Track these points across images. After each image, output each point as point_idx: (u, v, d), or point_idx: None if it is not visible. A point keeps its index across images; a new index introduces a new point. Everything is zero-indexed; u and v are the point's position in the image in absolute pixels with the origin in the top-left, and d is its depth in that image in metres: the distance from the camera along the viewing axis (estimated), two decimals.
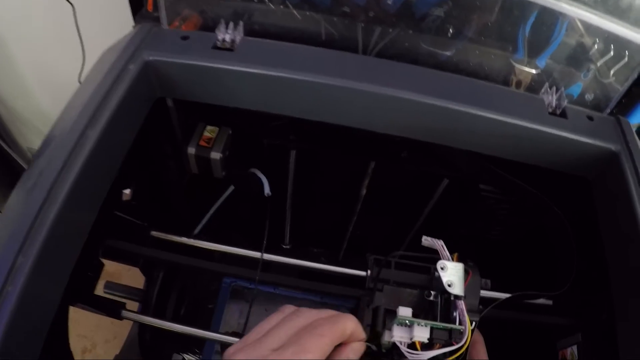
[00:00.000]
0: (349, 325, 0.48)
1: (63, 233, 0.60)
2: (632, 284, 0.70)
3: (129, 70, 0.70)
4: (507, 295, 0.88)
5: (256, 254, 0.85)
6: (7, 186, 1.92)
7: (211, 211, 0.99)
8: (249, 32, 0.81)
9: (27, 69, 1.78)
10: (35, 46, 1.67)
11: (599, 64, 0.87)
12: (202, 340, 1.10)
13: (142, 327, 0.86)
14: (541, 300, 0.95)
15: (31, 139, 2.09)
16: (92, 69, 0.76)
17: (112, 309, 0.73)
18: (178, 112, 0.86)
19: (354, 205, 1.14)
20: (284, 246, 1.27)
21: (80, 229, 0.65)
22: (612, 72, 0.86)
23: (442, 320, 0.65)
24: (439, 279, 0.82)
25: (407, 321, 0.63)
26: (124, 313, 0.73)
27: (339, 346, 0.49)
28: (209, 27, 0.84)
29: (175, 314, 1.05)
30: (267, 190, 0.90)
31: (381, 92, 0.74)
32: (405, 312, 0.65)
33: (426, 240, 0.80)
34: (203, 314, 1.18)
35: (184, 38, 0.76)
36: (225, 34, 0.76)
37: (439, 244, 0.78)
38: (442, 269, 0.67)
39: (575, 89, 0.90)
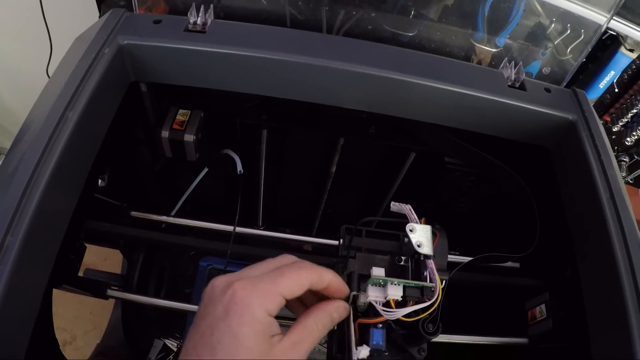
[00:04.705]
0: (327, 274, 0.53)
1: (48, 215, 0.61)
2: (591, 239, 0.74)
3: (104, 55, 0.72)
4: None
5: (229, 228, 0.87)
6: None
7: (187, 193, 1.01)
8: (219, 15, 0.83)
9: None
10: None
11: (556, 42, 0.91)
12: (183, 325, 1.12)
13: (125, 310, 0.88)
14: (509, 264, 0.99)
15: None
16: (66, 56, 0.77)
17: (97, 288, 0.75)
18: (151, 97, 0.88)
19: (324, 183, 1.17)
20: (258, 228, 1.29)
21: (63, 212, 0.66)
22: (569, 49, 0.90)
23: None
24: (408, 243, 0.85)
25: (380, 281, 0.65)
26: (110, 291, 0.75)
27: (324, 300, 0.53)
28: (179, 11, 0.86)
29: (156, 296, 1.07)
30: (239, 167, 0.92)
31: (346, 69, 0.77)
32: (378, 272, 0.67)
33: (394, 206, 0.82)
34: (181, 299, 1.20)
35: (157, 22, 0.78)
36: (196, 17, 0.78)
37: (407, 208, 0.81)
38: (411, 231, 0.68)
39: (534, 67, 0.94)
